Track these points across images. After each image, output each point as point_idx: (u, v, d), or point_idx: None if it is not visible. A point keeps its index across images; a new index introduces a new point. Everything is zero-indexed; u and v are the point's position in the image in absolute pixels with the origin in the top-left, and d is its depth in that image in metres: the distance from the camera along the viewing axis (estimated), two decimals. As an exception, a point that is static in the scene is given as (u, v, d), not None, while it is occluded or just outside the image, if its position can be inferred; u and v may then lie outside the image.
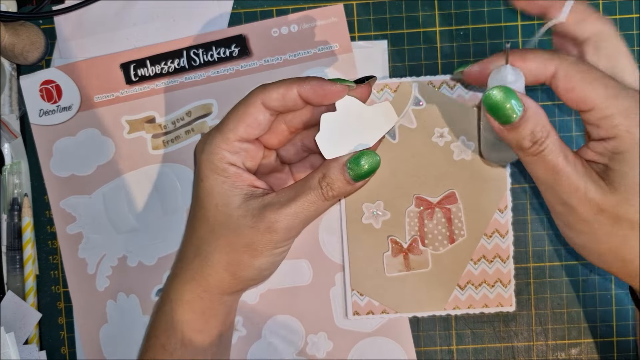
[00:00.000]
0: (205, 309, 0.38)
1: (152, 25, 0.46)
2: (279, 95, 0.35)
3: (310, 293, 0.45)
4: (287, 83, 0.35)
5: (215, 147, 0.36)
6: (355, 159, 0.34)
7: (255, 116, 0.36)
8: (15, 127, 0.47)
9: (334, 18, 0.44)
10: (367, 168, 0.34)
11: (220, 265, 0.37)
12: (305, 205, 0.35)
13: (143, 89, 0.46)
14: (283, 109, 0.36)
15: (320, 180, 0.35)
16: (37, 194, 0.47)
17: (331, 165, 0.35)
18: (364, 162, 0.34)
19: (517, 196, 0.45)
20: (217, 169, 0.36)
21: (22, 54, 0.45)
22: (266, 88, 0.36)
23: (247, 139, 0.36)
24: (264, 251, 0.36)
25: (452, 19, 0.45)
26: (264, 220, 0.35)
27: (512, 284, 0.43)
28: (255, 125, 0.36)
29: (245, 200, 0.36)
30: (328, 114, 0.35)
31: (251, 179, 0.37)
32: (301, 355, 0.45)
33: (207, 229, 0.37)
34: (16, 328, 0.45)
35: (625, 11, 0.45)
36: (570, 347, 0.45)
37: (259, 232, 0.35)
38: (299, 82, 0.35)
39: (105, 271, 0.46)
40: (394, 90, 0.43)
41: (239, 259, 0.36)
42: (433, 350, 0.45)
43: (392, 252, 0.43)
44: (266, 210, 0.35)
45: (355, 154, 0.34)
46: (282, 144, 0.39)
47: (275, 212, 0.35)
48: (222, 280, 0.37)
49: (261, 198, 0.36)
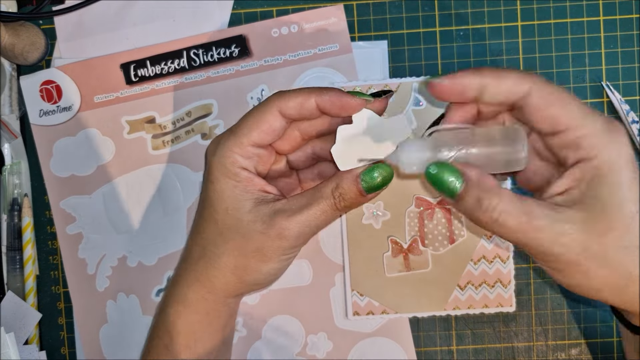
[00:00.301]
0: (209, 310, 0.38)
1: (152, 25, 0.46)
2: (297, 104, 0.35)
3: (310, 293, 0.45)
4: (305, 92, 0.35)
5: (228, 151, 0.36)
6: (369, 172, 0.34)
7: (271, 123, 0.35)
8: (15, 127, 0.47)
9: (334, 18, 0.44)
10: (380, 180, 0.34)
11: (227, 268, 0.37)
12: (316, 214, 0.35)
13: (143, 89, 0.46)
14: (299, 118, 0.36)
15: (333, 190, 0.35)
16: (37, 194, 0.47)
17: (344, 176, 0.35)
18: (377, 174, 0.34)
19: (517, 196, 0.45)
20: (228, 173, 0.36)
21: (22, 54, 0.45)
22: (284, 95, 0.35)
23: (261, 145, 0.36)
24: (273, 257, 0.36)
25: (452, 19, 0.45)
26: (274, 227, 0.35)
27: (512, 284, 0.43)
28: (270, 131, 0.36)
29: (255, 205, 0.36)
30: (344, 127, 0.35)
31: (262, 183, 0.37)
32: (301, 355, 0.45)
33: (215, 232, 0.37)
34: (16, 328, 0.45)
35: (625, 11, 0.45)
36: (570, 348, 0.45)
37: (269, 238, 0.35)
38: (317, 92, 0.35)
39: (105, 271, 0.46)
40: (394, 91, 0.43)
41: (247, 264, 0.36)
42: (433, 351, 0.45)
43: (392, 253, 0.43)
44: (277, 216, 0.35)
45: (369, 167, 0.34)
46: (294, 150, 0.39)
47: (286, 219, 0.35)
48: (228, 283, 0.37)
49: (272, 204, 0.36)
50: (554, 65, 0.45)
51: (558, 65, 0.45)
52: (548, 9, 0.45)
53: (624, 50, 0.45)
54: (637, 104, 0.45)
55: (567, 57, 0.45)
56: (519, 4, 0.45)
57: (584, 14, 0.45)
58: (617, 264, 0.30)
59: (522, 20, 0.45)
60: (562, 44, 0.45)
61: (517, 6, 0.45)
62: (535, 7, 0.45)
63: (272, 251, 0.36)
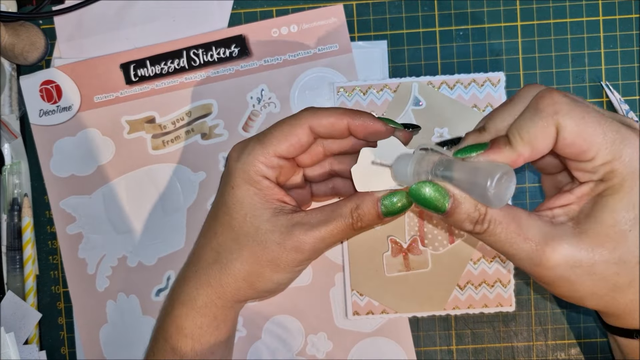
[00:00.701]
0: (217, 314, 0.38)
1: (152, 25, 0.46)
2: (329, 124, 0.36)
3: (310, 293, 0.45)
4: (338, 113, 0.36)
5: (254, 159, 0.36)
6: (390, 197, 0.35)
7: (300, 137, 0.36)
8: (15, 127, 0.47)
9: (333, 18, 0.44)
10: (400, 206, 0.34)
11: (240, 274, 0.37)
12: (334, 231, 0.35)
13: (143, 89, 0.46)
14: (327, 136, 0.37)
15: (352, 210, 0.35)
16: (37, 194, 0.47)
17: (365, 198, 0.35)
18: (397, 200, 0.34)
19: (517, 196, 0.45)
20: (251, 180, 0.36)
21: (22, 54, 0.45)
22: (317, 113, 0.36)
23: (286, 157, 0.37)
24: (286, 268, 0.36)
25: (451, 19, 0.45)
26: (291, 239, 0.35)
27: (511, 284, 0.43)
28: (298, 145, 0.36)
29: (274, 214, 0.36)
30: (368, 149, 0.36)
31: (281, 194, 0.37)
32: (301, 355, 0.45)
33: (231, 237, 0.37)
34: (16, 328, 0.45)
35: (625, 11, 0.45)
36: (570, 347, 0.45)
37: (285, 249, 0.35)
38: (351, 115, 0.36)
39: (105, 271, 0.46)
40: (394, 91, 0.43)
41: (261, 272, 0.36)
42: (433, 350, 0.45)
43: (392, 252, 0.43)
44: (295, 229, 0.35)
45: (391, 192, 0.35)
46: (314, 164, 0.40)
47: (304, 233, 0.35)
48: (239, 289, 0.37)
49: (290, 215, 0.36)
50: (554, 65, 0.45)
51: (557, 65, 0.45)
52: (547, 9, 0.45)
53: (623, 50, 0.45)
54: (637, 103, 0.45)
55: (567, 57, 0.45)
56: (519, 4, 0.45)
57: (583, 14, 0.45)
58: (604, 277, 0.30)
59: (522, 20, 0.45)
60: (561, 43, 0.45)
61: (517, 6, 0.45)
62: (535, 7, 0.45)
63: (286, 262, 0.36)
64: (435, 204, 0.31)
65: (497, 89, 0.43)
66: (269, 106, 0.45)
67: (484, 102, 0.43)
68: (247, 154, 0.36)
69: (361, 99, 0.44)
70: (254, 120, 0.45)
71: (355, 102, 0.44)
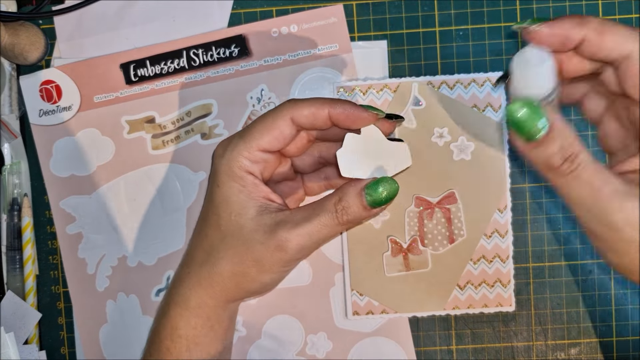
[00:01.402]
0: (210, 314, 0.38)
1: (152, 25, 0.46)
2: (310, 114, 0.35)
3: (310, 293, 0.45)
4: (319, 102, 0.35)
5: (237, 154, 0.36)
6: (374, 185, 0.34)
7: (282, 129, 0.36)
8: (15, 127, 0.47)
9: (333, 18, 0.44)
10: (386, 195, 0.34)
11: (226, 274, 0.37)
12: (318, 227, 0.34)
13: (143, 89, 0.46)
14: (310, 127, 0.36)
15: (335, 203, 0.34)
16: (37, 194, 0.47)
17: (348, 189, 0.34)
18: (382, 188, 0.34)
19: (516, 196, 0.45)
20: (234, 176, 0.36)
21: (22, 54, 0.45)
22: (297, 104, 0.35)
23: (269, 150, 0.36)
24: (272, 268, 0.36)
25: (451, 19, 0.45)
26: (274, 238, 0.35)
27: (511, 284, 0.43)
28: (281, 138, 0.36)
29: (259, 213, 0.35)
30: (352, 135, 0.36)
31: (267, 191, 0.36)
32: (301, 355, 0.45)
33: (219, 237, 0.37)
34: (16, 328, 0.45)
35: (625, 11, 0.45)
36: (570, 347, 0.45)
37: (268, 249, 0.35)
38: (331, 104, 0.35)
39: (105, 271, 0.46)
40: (394, 90, 0.43)
41: (246, 272, 0.36)
42: (433, 350, 0.45)
43: (391, 252, 0.43)
44: (278, 228, 0.35)
45: (374, 180, 0.34)
46: (300, 153, 0.39)
47: (287, 232, 0.34)
48: (228, 290, 0.37)
49: (274, 214, 0.35)
50: (554, 65, 0.45)
51: (557, 65, 0.45)
52: (547, 9, 0.45)
53: (623, 50, 0.45)
54: (637, 103, 0.45)
55: (567, 57, 0.45)
56: (519, 4, 0.45)
57: (583, 14, 0.45)
58: None
59: (522, 20, 0.45)
60: (561, 43, 0.45)
61: (517, 6, 0.45)
62: (535, 7, 0.45)
63: (270, 263, 0.35)
64: (531, 128, 0.28)
65: (497, 89, 0.43)
66: (269, 106, 0.45)
67: (483, 102, 0.43)
68: (231, 150, 0.36)
69: (361, 99, 0.44)
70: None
71: (355, 101, 0.44)
